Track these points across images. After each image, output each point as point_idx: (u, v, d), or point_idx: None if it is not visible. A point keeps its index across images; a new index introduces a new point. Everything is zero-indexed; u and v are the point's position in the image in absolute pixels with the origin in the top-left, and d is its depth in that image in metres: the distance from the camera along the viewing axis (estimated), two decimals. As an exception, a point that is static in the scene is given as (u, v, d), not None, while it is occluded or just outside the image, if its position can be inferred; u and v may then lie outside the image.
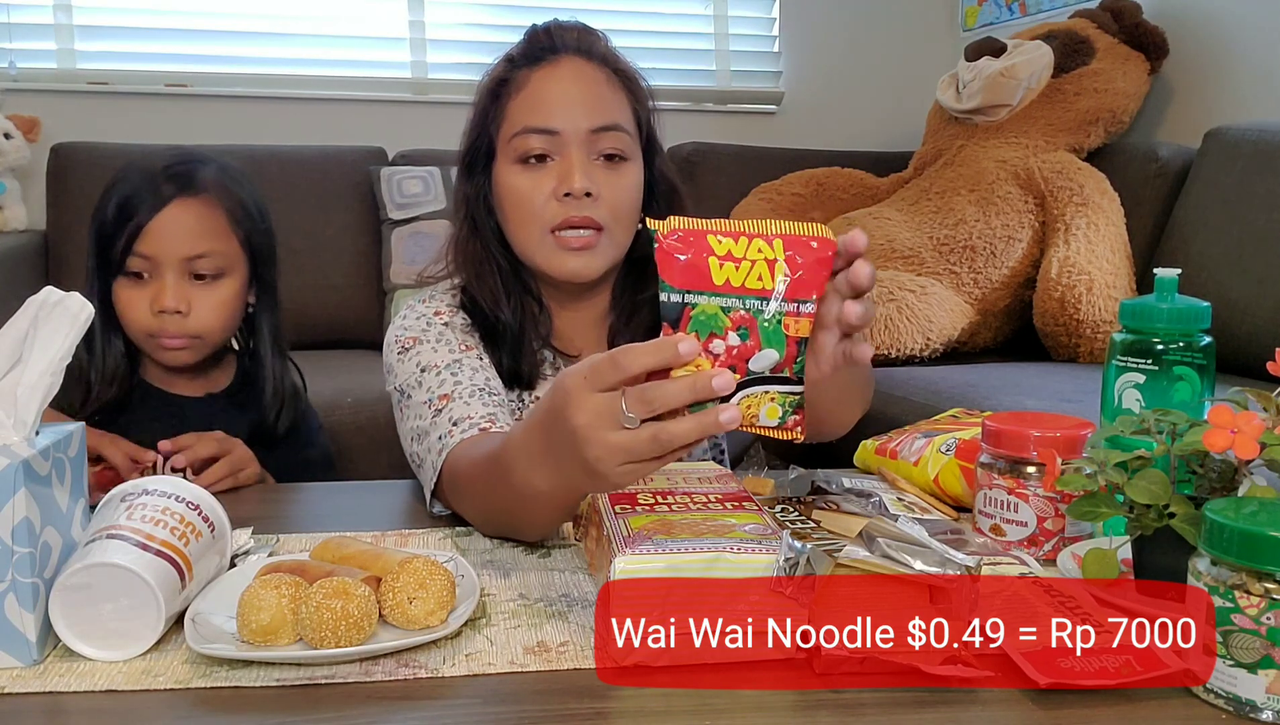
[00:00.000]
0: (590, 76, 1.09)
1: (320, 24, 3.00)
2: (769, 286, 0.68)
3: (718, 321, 0.68)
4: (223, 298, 1.22)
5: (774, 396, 0.69)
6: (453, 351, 1.06)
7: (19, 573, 0.67)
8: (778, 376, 0.69)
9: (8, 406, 0.70)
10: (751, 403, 0.69)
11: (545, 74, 1.09)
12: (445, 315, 1.11)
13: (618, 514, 0.77)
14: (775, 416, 0.69)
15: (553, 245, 1.07)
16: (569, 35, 1.11)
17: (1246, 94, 2.45)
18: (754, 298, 0.68)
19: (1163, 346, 0.85)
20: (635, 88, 1.12)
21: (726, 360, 0.68)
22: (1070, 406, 1.64)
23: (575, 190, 1.05)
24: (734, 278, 0.68)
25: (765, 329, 0.68)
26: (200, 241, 1.19)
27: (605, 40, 1.14)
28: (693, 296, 0.68)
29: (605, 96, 1.09)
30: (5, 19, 2.78)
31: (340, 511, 1.07)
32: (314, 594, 0.68)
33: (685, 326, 0.68)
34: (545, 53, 1.10)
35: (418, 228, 2.65)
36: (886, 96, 3.26)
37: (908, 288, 2.35)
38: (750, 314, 0.68)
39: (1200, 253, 2.18)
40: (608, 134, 1.07)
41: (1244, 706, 0.61)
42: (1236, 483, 0.72)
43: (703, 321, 0.68)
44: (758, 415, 0.69)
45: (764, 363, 0.68)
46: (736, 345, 0.68)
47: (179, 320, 1.18)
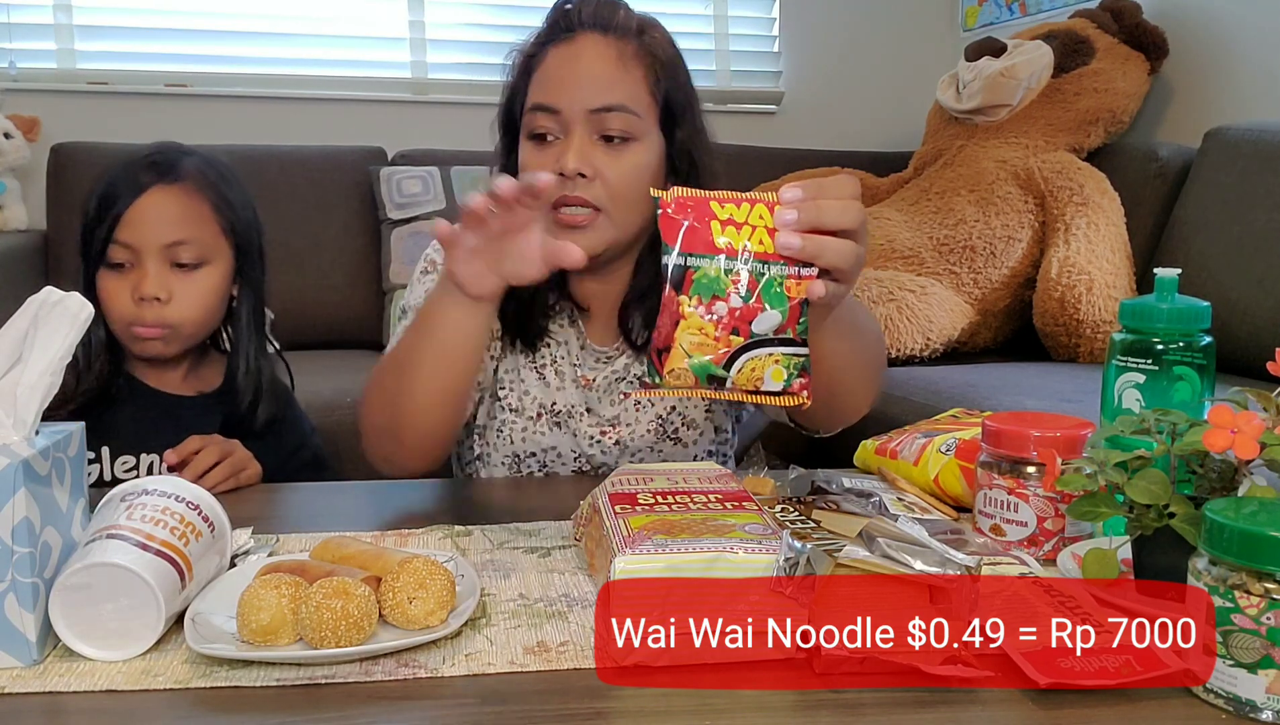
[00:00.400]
0: (601, 54, 1.09)
1: (320, 24, 3.00)
2: (770, 250, 0.68)
3: (720, 283, 0.69)
4: (203, 288, 1.21)
5: (778, 358, 0.70)
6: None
7: (19, 573, 0.67)
8: (781, 337, 0.69)
9: (8, 406, 0.70)
10: (755, 366, 0.69)
11: (560, 52, 1.10)
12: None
13: (618, 514, 0.77)
14: (780, 378, 0.70)
15: (550, 222, 1.07)
16: (586, 10, 1.12)
17: (1246, 94, 2.45)
18: (756, 261, 0.69)
19: (1163, 346, 0.85)
20: (657, 61, 1.11)
21: (729, 321, 0.69)
22: (1070, 406, 1.64)
23: (568, 171, 1.06)
24: (735, 241, 0.69)
25: (768, 290, 0.69)
26: (179, 228, 1.18)
27: (627, 9, 1.13)
28: (695, 259, 0.69)
29: (613, 75, 1.09)
30: (5, 19, 2.78)
31: (340, 511, 1.07)
32: (314, 594, 0.68)
33: (688, 289, 0.68)
34: (563, 31, 1.11)
35: (417, 228, 2.65)
36: (886, 96, 3.26)
37: (908, 288, 2.35)
38: (753, 276, 0.69)
39: (1200, 253, 2.18)
40: (610, 115, 1.07)
41: (1244, 706, 0.61)
42: (1236, 483, 0.72)
43: (705, 283, 0.69)
44: (762, 378, 0.70)
45: (767, 324, 0.69)
46: (739, 306, 0.69)
47: (157, 308, 1.17)
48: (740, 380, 0.73)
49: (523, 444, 1.18)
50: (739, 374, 0.71)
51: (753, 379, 0.70)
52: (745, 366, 0.69)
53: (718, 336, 0.69)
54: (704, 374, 0.70)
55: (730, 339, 0.69)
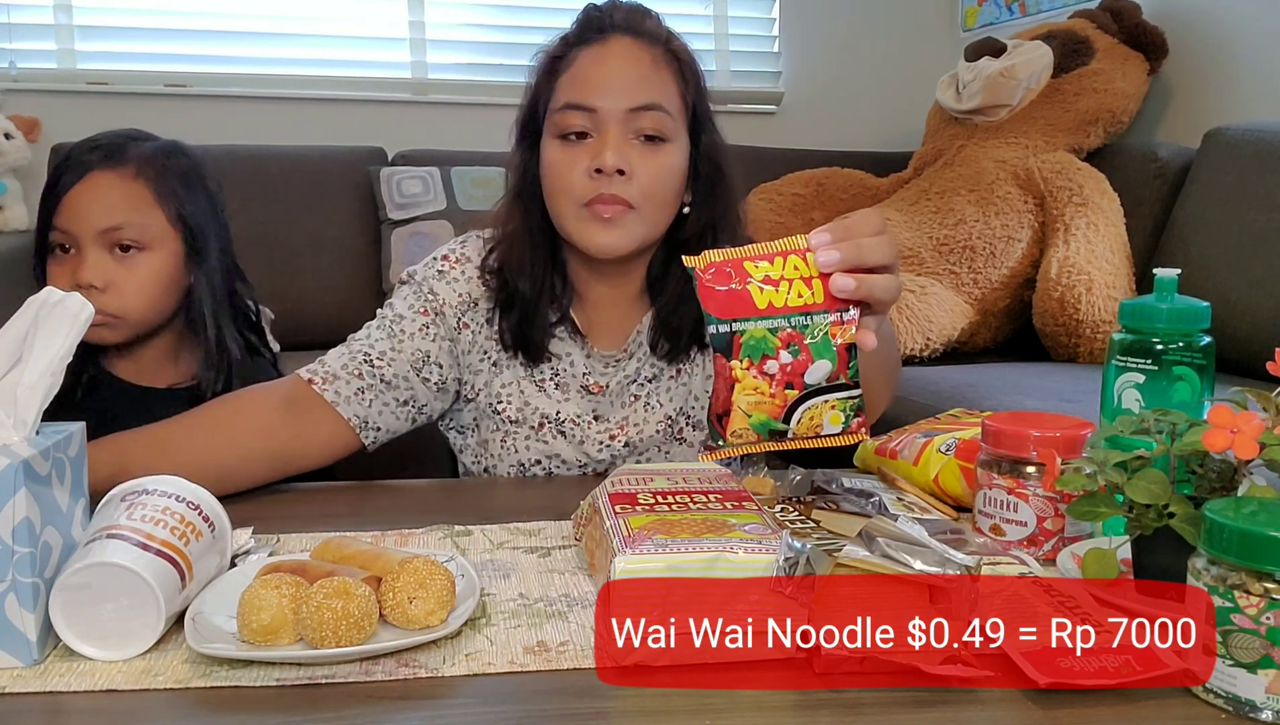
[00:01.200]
0: (635, 56, 1.11)
1: (320, 24, 3.01)
2: (810, 301, 0.69)
3: (768, 343, 0.70)
4: (145, 274, 1.18)
5: (834, 404, 0.72)
6: (411, 308, 1.15)
7: (19, 573, 0.67)
8: (834, 385, 0.71)
9: (8, 406, 0.70)
10: (814, 414, 0.71)
11: (593, 53, 1.11)
12: (450, 262, 1.17)
13: (618, 514, 0.77)
14: (839, 423, 0.72)
15: (586, 217, 1.09)
16: (618, 14, 1.13)
17: (1246, 94, 2.45)
18: (798, 315, 0.70)
19: (1162, 346, 0.85)
20: (685, 67, 1.14)
21: (782, 378, 0.70)
22: (1070, 406, 1.64)
23: (607, 167, 1.06)
24: (775, 299, 0.70)
25: (814, 342, 0.70)
26: (116, 213, 1.16)
27: (656, 18, 1.16)
28: (740, 324, 0.70)
29: (648, 76, 1.10)
30: (5, 19, 2.78)
31: (340, 511, 1.07)
32: (314, 594, 0.68)
33: (737, 353, 0.70)
34: (594, 33, 1.12)
35: (417, 228, 2.65)
36: (886, 96, 3.26)
37: (908, 288, 2.35)
38: (797, 330, 0.70)
39: (1200, 253, 2.18)
40: (647, 113, 1.09)
41: (1244, 706, 0.61)
42: (1236, 483, 0.72)
43: (753, 346, 0.70)
44: (821, 425, 0.72)
45: (819, 374, 0.71)
46: (790, 362, 0.70)
47: (95, 295, 1.13)
48: (800, 430, 0.75)
49: (527, 453, 1.18)
50: (799, 425, 0.72)
51: (812, 427, 0.72)
52: (804, 417, 0.71)
53: (773, 393, 0.71)
54: (765, 430, 0.72)
55: (786, 394, 0.71)
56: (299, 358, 1.35)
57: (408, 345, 1.14)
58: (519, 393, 1.17)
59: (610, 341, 1.20)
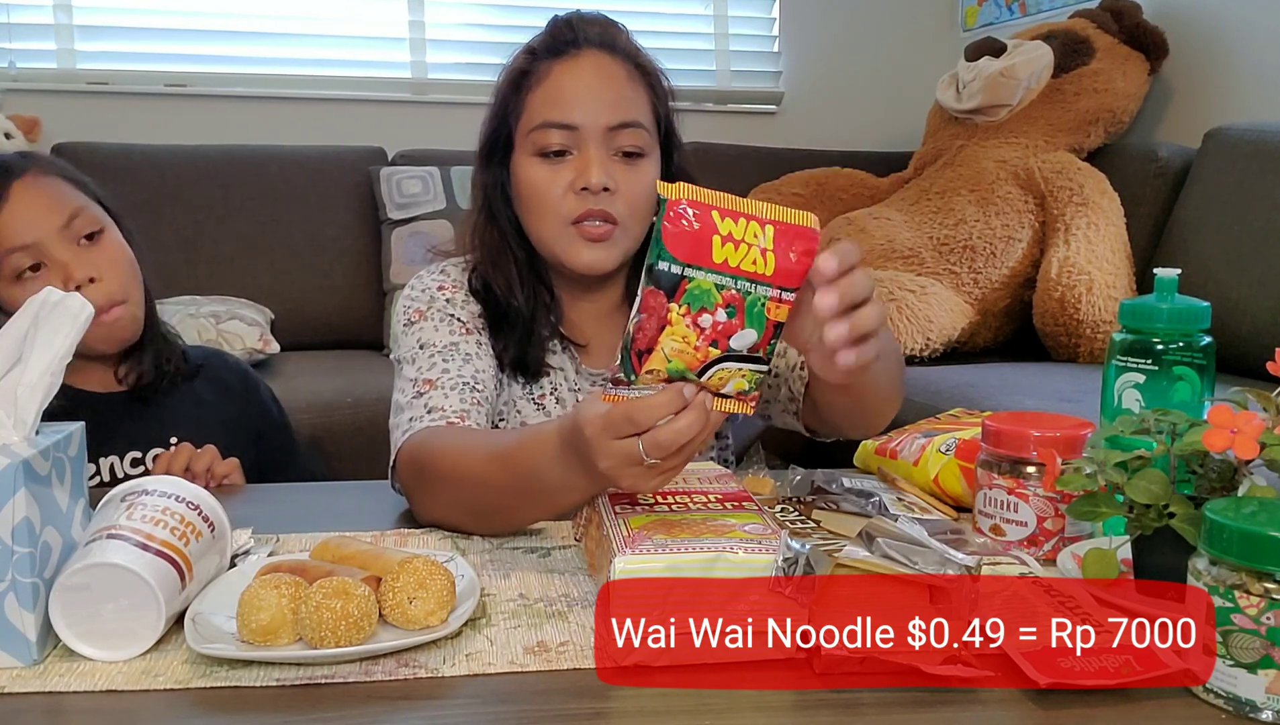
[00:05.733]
0: (611, 71, 1.09)
1: (320, 24, 3.00)
2: (762, 271, 0.70)
3: (710, 297, 0.71)
4: (117, 247, 1.20)
5: (745, 373, 0.73)
6: (453, 333, 1.09)
7: (19, 573, 0.67)
8: (752, 356, 0.72)
9: (8, 406, 0.70)
10: (723, 376, 0.72)
11: (566, 67, 1.09)
12: (449, 290, 1.13)
13: (618, 514, 0.77)
14: (741, 389, 0.73)
15: (573, 236, 1.08)
16: (591, 28, 1.11)
17: (1246, 94, 2.45)
18: (745, 280, 0.71)
19: (1163, 346, 0.85)
20: (655, 83, 1.13)
21: (711, 334, 0.71)
22: (1070, 406, 1.64)
23: (593, 186, 1.05)
24: (731, 258, 0.71)
25: (750, 310, 0.71)
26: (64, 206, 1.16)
27: (627, 33, 1.14)
28: (691, 271, 0.70)
29: (625, 92, 1.09)
30: (5, 19, 2.78)
31: (340, 511, 1.07)
32: (314, 594, 0.68)
33: (680, 297, 0.70)
34: (567, 45, 1.10)
35: (417, 228, 2.65)
36: (886, 96, 3.25)
37: (908, 288, 2.35)
38: (740, 294, 0.71)
39: (1200, 253, 2.18)
40: (626, 130, 1.08)
41: (1244, 706, 0.61)
42: (1236, 483, 0.72)
43: (697, 296, 0.71)
44: (726, 384, 0.73)
45: (744, 342, 0.72)
46: (723, 322, 0.71)
47: (94, 290, 1.13)
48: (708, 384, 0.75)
49: None
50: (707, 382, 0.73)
51: (717, 385, 0.72)
52: (714, 376, 0.72)
53: (698, 346, 0.71)
54: (676, 376, 0.72)
55: (709, 351, 0.72)
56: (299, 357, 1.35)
57: (478, 363, 1.09)
58: (515, 411, 1.16)
59: (597, 359, 1.17)
